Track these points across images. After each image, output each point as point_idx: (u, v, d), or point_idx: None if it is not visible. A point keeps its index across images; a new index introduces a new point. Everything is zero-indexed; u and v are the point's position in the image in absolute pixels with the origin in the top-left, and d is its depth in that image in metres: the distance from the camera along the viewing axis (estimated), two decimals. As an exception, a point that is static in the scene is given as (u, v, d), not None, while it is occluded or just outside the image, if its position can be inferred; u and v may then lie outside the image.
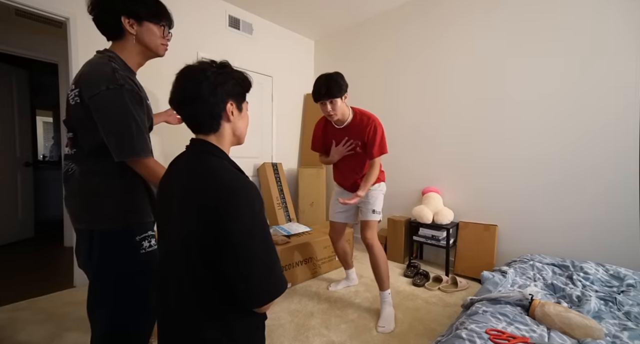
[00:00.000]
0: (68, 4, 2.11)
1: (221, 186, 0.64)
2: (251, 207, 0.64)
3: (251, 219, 0.63)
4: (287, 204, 3.22)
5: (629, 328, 1.15)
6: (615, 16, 1.91)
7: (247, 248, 0.62)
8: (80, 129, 0.92)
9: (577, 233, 2.07)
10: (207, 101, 0.69)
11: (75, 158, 0.94)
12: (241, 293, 0.64)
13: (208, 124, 0.72)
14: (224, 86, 0.71)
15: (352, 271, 2.30)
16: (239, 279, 0.63)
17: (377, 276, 1.85)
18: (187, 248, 0.65)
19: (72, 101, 0.91)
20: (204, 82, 0.68)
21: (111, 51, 0.98)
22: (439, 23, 2.73)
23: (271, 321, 1.77)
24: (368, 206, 1.87)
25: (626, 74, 1.87)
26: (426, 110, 2.84)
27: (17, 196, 3.28)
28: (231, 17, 3.03)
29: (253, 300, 0.64)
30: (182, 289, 0.67)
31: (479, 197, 2.54)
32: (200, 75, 0.69)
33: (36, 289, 2.13)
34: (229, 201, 0.62)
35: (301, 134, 3.88)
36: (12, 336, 1.62)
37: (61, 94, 2.95)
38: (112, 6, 0.94)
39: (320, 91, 1.65)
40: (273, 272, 0.65)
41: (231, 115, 0.73)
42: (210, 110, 0.70)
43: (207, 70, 0.70)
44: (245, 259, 0.62)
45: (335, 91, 1.64)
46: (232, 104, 0.73)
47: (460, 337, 1.03)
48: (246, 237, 0.62)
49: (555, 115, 2.14)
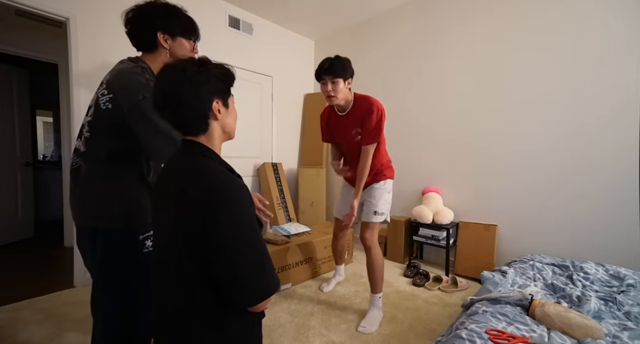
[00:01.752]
0: (68, 4, 2.11)
1: (212, 183, 0.64)
2: (240, 206, 0.64)
3: (240, 217, 0.63)
4: (287, 204, 3.22)
5: (629, 328, 1.14)
6: (617, 14, 1.91)
7: (236, 247, 0.62)
8: (101, 133, 0.94)
9: (577, 233, 2.07)
10: (190, 103, 0.66)
11: (86, 156, 0.96)
12: (232, 293, 0.64)
13: (196, 126, 0.70)
14: (207, 85, 0.68)
15: (342, 266, 2.31)
16: (229, 279, 0.63)
17: (370, 278, 1.80)
18: (179, 248, 0.65)
19: (102, 106, 0.93)
20: (185, 84, 0.65)
21: (144, 62, 1.02)
22: (439, 23, 2.73)
23: (271, 321, 1.77)
24: (370, 207, 1.79)
25: (626, 74, 1.87)
26: (426, 110, 2.84)
27: (17, 196, 3.28)
28: (231, 17, 3.03)
29: (244, 300, 0.64)
30: (175, 289, 0.67)
31: (479, 197, 2.54)
32: (180, 76, 0.66)
33: (36, 289, 2.13)
34: (219, 198, 0.62)
35: (301, 134, 3.88)
36: (12, 336, 1.62)
37: (61, 94, 2.94)
38: (149, 23, 0.99)
39: (323, 66, 1.60)
40: (263, 271, 0.65)
41: (218, 113, 0.71)
42: (195, 112, 0.68)
43: (186, 70, 0.67)
44: (234, 258, 0.62)
45: (338, 70, 1.58)
46: (218, 102, 0.71)
47: (460, 337, 1.03)
48: (235, 235, 0.62)
49: (556, 114, 2.14)
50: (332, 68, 1.58)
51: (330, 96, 1.63)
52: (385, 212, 1.81)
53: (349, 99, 1.71)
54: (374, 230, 1.79)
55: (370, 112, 1.64)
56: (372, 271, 1.78)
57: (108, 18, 2.27)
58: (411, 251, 2.86)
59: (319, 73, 1.63)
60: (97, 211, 0.93)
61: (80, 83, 2.16)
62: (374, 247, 1.78)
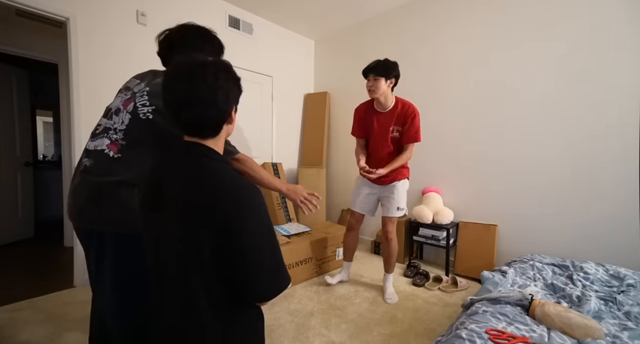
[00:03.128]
0: (68, 4, 2.11)
1: (226, 188, 0.63)
2: (261, 206, 0.65)
3: (261, 217, 0.64)
4: (287, 204, 3.21)
5: (629, 328, 1.15)
6: (619, 14, 1.90)
7: (257, 249, 0.63)
8: (136, 141, 0.95)
9: (577, 233, 2.07)
10: (220, 109, 0.66)
11: (112, 162, 0.95)
12: (246, 293, 0.65)
13: (212, 130, 0.69)
14: (234, 93, 0.69)
15: (351, 264, 2.37)
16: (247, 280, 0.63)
17: (388, 262, 2.13)
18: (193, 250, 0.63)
19: (142, 116, 0.94)
20: (220, 89, 0.65)
21: None
22: (439, 23, 2.73)
23: (271, 321, 1.77)
24: (393, 203, 2.04)
25: (627, 76, 1.87)
26: (426, 110, 2.82)
27: (17, 196, 3.28)
28: (231, 17, 3.03)
29: (259, 298, 0.66)
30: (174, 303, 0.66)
31: (479, 197, 2.54)
32: (211, 79, 0.64)
33: (36, 289, 2.13)
34: (236, 203, 0.62)
35: (301, 134, 3.88)
36: (12, 336, 1.62)
37: (61, 94, 2.94)
38: (185, 44, 1.02)
39: (370, 66, 1.92)
40: (279, 271, 0.67)
41: (233, 119, 0.72)
42: (220, 117, 0.68)
43: (217, 74, 0.65)
44: (256, 260, 0.63)
45: (381, 71, 1.88)
46: (235, 108, 0.72)
47: (460, 337, 1.03)
48: (257, 237, 0.63)
49: (556, 114, 2.13)
50: (376, 68, 1.89)
51: (371, 90, 1.92)
52: (405, 207, 2.10)
53: (390, 98, 1.98)
54: (394, 224, 2.10)
55: (414, 116, 1.95)
56: (390, 257, 2.12)
57: (108, 18, 2.27)
58: (411, 251, 2.86)
59: (366, 71, 1.93)
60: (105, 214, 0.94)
61: (80, 83, 2.16)
62: (394, 239, 2.11)
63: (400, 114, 1.96)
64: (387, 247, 2.10)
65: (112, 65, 2.28)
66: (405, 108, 1.97)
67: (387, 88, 1.92)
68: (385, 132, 2.01)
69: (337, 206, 3.68)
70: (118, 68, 2.29)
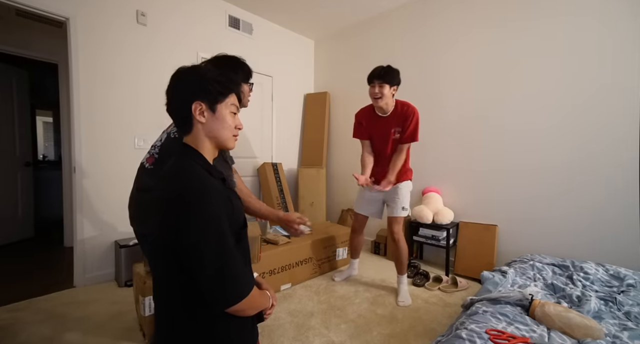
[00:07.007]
0: (68, 4, 2.11)
1: (180, 184, 0.65)
2: (206, 208, 0.63)
3: (204, 220, 0.62)
4: (287, 204, 3.22)
5: (629, 328, 1.15)
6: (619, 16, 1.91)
7: (198, 250, 0.61)
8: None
9: (577, 233, 2.07)
10: (173, 103, 0.73)
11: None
12: (197, 299, 0.64)
13: (180, 126, 0.76)
14: (188, 87, 0.72)
15: (357, 261, 2.43)
16: (196, 282, 0.62)
17: (398, 264, 2.11)
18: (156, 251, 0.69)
19: (172, 135, 1.12)
20: (172, 85, 0.73)
21: None
22: (439, 23, 2.73)
23: (271, 321, 1.77)
24: (397, 203, 2.06)
25: (628, 78, 1.87)
26: (426, 110, 2.82)
27: (17, 196, 3.28)
28: (231, 17, 3.03)
29: (209, 304, 0.63)
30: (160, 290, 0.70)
31: (479, 198, 2.54)
32: (173, 78, 0.73)
33: (36, 289, 2.13)
34: (183, 198, 0.63)
35: (301, 134, 3.88)
36: (12, 336, 1.62)
37: (61, 94, 2.94)
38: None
39: (374, 72, 1.93)
40: (224, 282, 0.63)
41: (201, 116, 0.71)
42: (178, 113, 0.74)
43: (180, 72, 0.73)
44: (195, 261, 0.61)
45: (387, 78, 1.90)
46: (201, 104, 0.71)
47: (460, 337, 1.03)
48: (198, 237, 0.61)
49: (556, 115, 2.13)
50: (381, 74, 1.90)
51: (376, 97, 1.93)
52: (408, 208, 2.12)
53: (391, 103, 2.00)
54: (400, 224, 2.10)
55: (411, 116, 1.96)
56: (400, 258, 2.09)
57: (108, 18, 2.27)
58: (411, 251, 2.85)
59: (371, 77, 1.94)
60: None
61: (80, 83, 2.16)
62: (402, 239, 2.10)
63: (400, 115, 1.99)
64: (396, 248, 2.10)
65: (112, 65, 2.27)
66: (405, 109, 1.99)
67: (390, 94, 1.95)
68: (387, 135, 2.03)
69: (337, 206, 3.68)
70: (118, 68, 2.28)
